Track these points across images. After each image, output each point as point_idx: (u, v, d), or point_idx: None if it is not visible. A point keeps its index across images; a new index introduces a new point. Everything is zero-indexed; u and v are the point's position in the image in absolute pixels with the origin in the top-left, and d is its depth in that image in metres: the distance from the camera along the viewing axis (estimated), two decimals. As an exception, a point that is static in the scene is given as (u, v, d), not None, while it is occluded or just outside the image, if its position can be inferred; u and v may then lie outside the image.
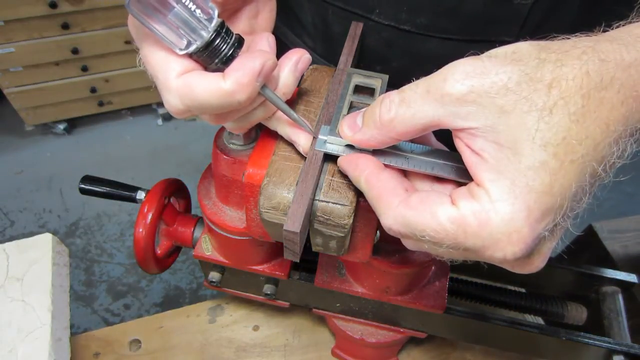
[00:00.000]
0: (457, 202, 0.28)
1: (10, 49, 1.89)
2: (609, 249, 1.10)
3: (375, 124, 0.31)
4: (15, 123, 2.26)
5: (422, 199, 0.30)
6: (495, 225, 0.26)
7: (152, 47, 0.32)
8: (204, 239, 0.58)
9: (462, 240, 0.28)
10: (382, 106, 0.30)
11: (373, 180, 0.32)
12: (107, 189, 0.61)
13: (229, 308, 0.73)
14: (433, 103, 0.28)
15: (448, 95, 0.27)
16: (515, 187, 0.26)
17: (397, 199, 0.30)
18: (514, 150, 0.26)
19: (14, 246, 0.61)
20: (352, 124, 0.34)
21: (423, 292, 0.54)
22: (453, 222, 0.28)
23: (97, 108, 2.27)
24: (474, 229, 0.27)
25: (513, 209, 0.26)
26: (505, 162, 0.26)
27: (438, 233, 0.28)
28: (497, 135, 0.27)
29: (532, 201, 0.26)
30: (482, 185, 0.27)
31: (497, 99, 0.26)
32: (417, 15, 0.47)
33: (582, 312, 0.61)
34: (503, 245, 0.27)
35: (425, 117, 0.29)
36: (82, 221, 1.98)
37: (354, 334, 0.61)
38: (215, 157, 0.45)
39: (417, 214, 0.29)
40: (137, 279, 1.81)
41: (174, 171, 2.13)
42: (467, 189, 0.28)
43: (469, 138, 0.28)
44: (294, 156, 0.38)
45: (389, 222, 0.31)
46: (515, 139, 0.26)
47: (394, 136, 0.31)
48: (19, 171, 2.15)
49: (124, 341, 0.69)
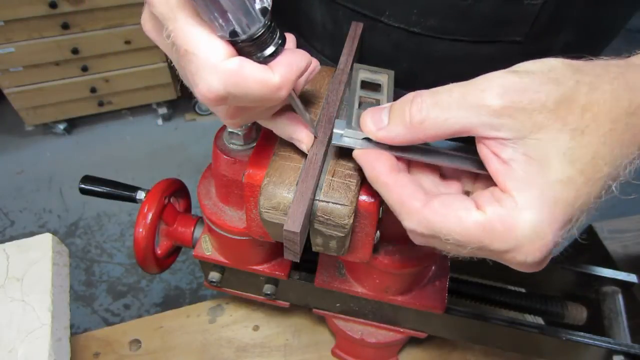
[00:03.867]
0: (483, 207, 0.29)
1: (10, 49, 1.89)
2: (609, 249, 1.10)
3: (404, 123, 0.31)
4: (15, 123, 2.26)
5: (446, 203, 0.30)
6: (521, 231, 0.28)
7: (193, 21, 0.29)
8: (204, 239, 0.58)
9: (487, 244, 0.29)
10: (413, 106, 0.31)
11: (391, 184, 0.33)
12: (107, 189, 0.61)
13: (229, 308, 0.73)
14: (468, 111, 0.29)
15: (486, 106, 0.28)
16: (542, 197, 0.28)
17: (419, 202, 0.31)
18: (543, 163, 0.28)
19: (14, 246, 0.61)
20: (376, 120, 0.33)
21: (423, 292, 0.54)
22: (480, 226, 0.29)
23: (97, 108, 2.27)
24: (501, 233, 0.28)
25: (540, 217, 0.28)
26: (534, 174, 0.28)
27: (464, 237, 0.29)
28: (527, 148, 0.28)
29: (557, 212, 0.28)
30: (509, 193, 0.29)
31: (533, 115, 0.28)
32: (428, 17, 0.47)
33: (582, 312, 0.61)
34: (526, 250, 0.29)
35: (457, 124, 0.29)
36: (82, 221, 1.98)
37: (354, 334, 0.61)
38: (215, 157, 0.45)
39: (442, 219, 0.30)
40: (137, 279, 1.81)
41: (174, 171, 2.13)
42: (491, 195, 0.30)
43: (497, 147, 0.29)
44: (294, 156, 0.38)
45: (412, 225, 0.31)
46: (546, 154, 0.28)
47: (421, 137, 0.31)
48: (19, 171, 2.15)
49: (124, 341, 0.69)
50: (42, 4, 1.81)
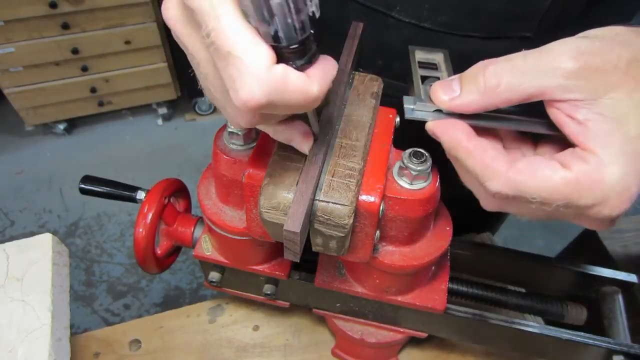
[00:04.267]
0: (568, 165, 0.31)
1: (10, 49, 1.89)
2: (609, 249, 1.10)
3: (479, 89, 0.32)
4: (15, 123, 2.27)
5: (532, 163, 0.32)
6: (608, 185, 0.30)
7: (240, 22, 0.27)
8: (204, 239, 0.58)
9: (575, 199, 0.30)
10: (487, 71, 0.32)
11: (473, 149, 0.33)
12: (107, 189, 0.61)
13: (229, 308, 0.73)
14: (544, 74, 0.30)
15: (561, 69, 0.30)
16: (625, 151, 0.29)
17: (504, 164, 0.32)
18: (620, 121, 0.29)
19: (14, 246, 0.61)
20: (448, 90, 0.34)
21: (423, 292, 0.54)
22: (568, 183, 0.30)
23: (97, 108, 2.27)
24: (588, 188, 0.30)
25: (624, 170, 0.29)
26: (612, 131, 0.30)
27: (552, 194, 0.31)
28: (602, 108, 0.30)
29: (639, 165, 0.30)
30: (592, 150, 0.30)
31: (607, 75, 0.29)
32: (439, 13, 0.47)
33: (582, 312, 0.61)
34: (613, 203, 0.30)
35: (533, 87, 0.31)
36: (82, 221, 1.98)
37: (354, 334, 0.61)
38: (215, 157, 0.45)
39: (529, 179, 0.31)
40: (137, 279, 1.81)
41: (174, 171, 2.13)
42: (574, 154, 0.31)
43: (570, 109, 0.30)
44: (294, 156, 0.38)
45: (498, 187, 0.32)
46: (622, 111, 0.29)
47: (496, 102, 0.32)
48: (19, 171, 2.15)
49: (124, 341, 0.69)
50: (42, 4, 1.81)
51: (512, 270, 0.66)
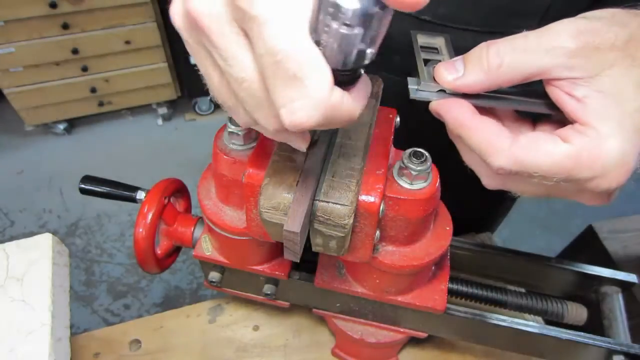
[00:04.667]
0: (569, 140, 0.31)
1: (10, 49, 1.89)
2: (609, 249, 1.10)
3: (482, 68, 0.33)
4: (15, 123, 2.27)
5: (534, 139, 0.32)
6: (607, 158, 0.30)
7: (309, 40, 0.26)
8: (204, 239, 0.58)
9: (575, 173, 0.31)
10: (490, 52, 0.32)
11: (477, 126, 0.34)
12: (107, 189, 0.61)
13: (229, 308, 0.73)
14: (545, 54, 0.31)
15: (562, 48, 0.30)
16: (623, 125, 0.30)
17: (507, 140, 0.33)
18: (618, 96, 0.30)
19: (14, 246, 0.61)
20: (452, 71, 0.35)
21: (423, 292, 0.54)
22: (569, 157, 0.31)
23: (97, 108, 2.27)
24: (589, 161, 0.31)
25: (623, 144, 0.30)
26: (611, 106, 0.30)
27: (553, 168, 0.31)
28: (600, 85, 0.30)
29: (637, 138, 0.30)
30: (591, 125, 0.31)
31: (605, 53, 0.30)
32: (438, 5, 0.47)
33: (582, 312, 0.61)
34: (612, 176, 0.31)
35: (534, 66, 0.31)
36: (82, 221, 1.98)
37: (354, 334, 0.61)
38: (215, 157, 0.45)
39: (532, 154, 0.32)
40: (137, 279, 1.81)
41: (174, 171, 2.13)
42: (574, 129, 0.32)
43: (569, 87, 0.31)
44: (294, 156, 0.38)
45: (502, 162, 0.33)
46: (620, 87, 0.30)
47: (499, 81, 0.33)
48: (19, 171, 2.15)
49: (124, 341, 0.69)
50: (42, 4, 1.81)
51: (512, 270, 0.66)
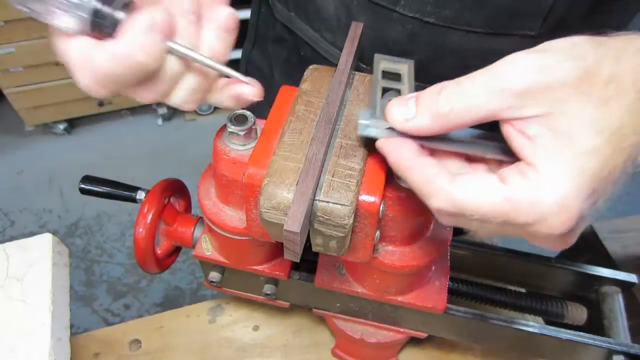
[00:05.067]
0: (507, 181, 0.30)
1: (10, 49, 1.89)
2: (609, 249, 1.10)
3: (432, 114, 0.32)
4: (15, 123, 2.26)
5: (471, 180, 0.31)
6: (546, 203, 0.28)
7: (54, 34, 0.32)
8: (204, 239, 0.58)
9: (512, 217, 0.29)
10: (441, 97, 0.31)
11: (417, 165, 0.33)
12: (107, 189, 0.61)
13: (229, 308, 0.73)
14: (492, 96, 0.29)
15: (509, 90, 0.29)
16: (568, 168, 0.28)
17: (445, 181, 0.32)
18: (569, 136, 0.28)
19: (14, 246, 0.61)
20: (403, 111, 0.33)
21: (423, 292, 0.54)
22: (505, 200, 0.29)
23: (97, 108, 2.27)
24: (525, 206, 0.29)
25: (565, 188, 0.28)
26: (560, 146, 0.28)
27: (489, 212, 0.30)
28: (553, 123, 0.29)
29: (582, 183, 0.28)
30: (534, 166, 0.29)
31: (556, 91, 0.28)
32: (443, 7, 0.47)
33: (582, 312, 0.61)
34: (551, 222, 0.29)
35: (483, 110, 0.30)
36: (82, 221, 1.98)
37: (354, 334, 0.61)
38: (215, 157, 0.45)
39: (468, 196, 0.30)
40: (137, 279, 1.81)
41: (174, 171, 2.12)
42: (516, 169, 0.30)
43: (522, 125, 0.30)
44: (294, 156, 0.38)
45: (440, 204, 0.32)
46: (572, 126, 0.28)
47: (449, 127, 0.32)
48: (19, 171, 2.15)
49: (124, 341, 0.69)
50: (42, 4, 1.81)
51: (512, 270, 0.66)
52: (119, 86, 0.33)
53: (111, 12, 0.31)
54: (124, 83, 0.33)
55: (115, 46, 0.31)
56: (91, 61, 0.31)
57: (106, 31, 0.31)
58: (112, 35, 0.32)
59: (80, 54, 0.32)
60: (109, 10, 0.31)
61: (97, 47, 0.31)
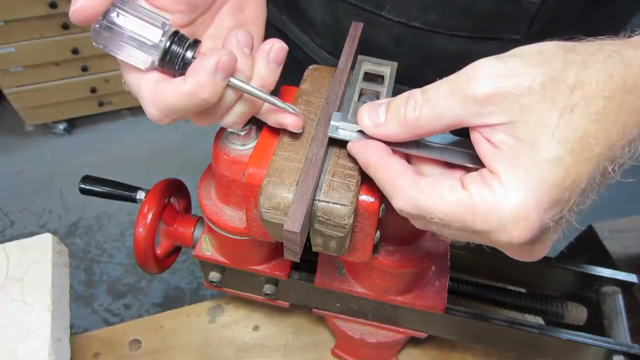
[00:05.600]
0: (467, 186, 0.29)
1: (10, 49, 1.89)
2: (609, 249, 1.10)
3: (400, 122, 0.32)
4: (15, 123, 2.26)
5: (433, 182, 0.31)
6: (504, 211, 0.28)
7: (127, 69, 0.35)
8: (204, 239, 0.58)
9: (470, 224, 0.29)
10: (408, 105, 0.31)
11: (382, 165, 0.33)
12: (107, 189, 0.61)
13: (229, 308, 0.73)
14: (456, 104, 0.29)
15: (472, 96, 0.28)
16: (528, 177, 0.27)
17: (407, 182, 0.32)
18: (532, 144, 0.27)
19: (14, 246, 0.61)
20: (373, 116, 0.34)
21: (423, 292, 0.54)
22: (462, 205, 0.29)
23: (97, 108, 2.27)
24: (483, 212, 0.28)
25: (524, 197, 0.27)
26: (522, 154, 0.28)
27: (447, 215, 0.29)
28: (517, 130, 0.28)
29: (543, 192, 0.27)
30: (496, 173, 0.28)
31: (520, 98, 0.27)
32: (428, 12, 0.47)
33: (582, 312, 0.61)
34: (509, 230, 0.28)
35: (448, 118, 0.30)
36: (82, 221, 1.98)
37: (354, 334, 0.61)
38: (215, 157, 0.45)
39: (427, 197, 0.30)
40: (137, 279, 1.81)
41: (174, 171, 2.12)
42: (479, 175, 0.30)
43: (488, 132, 0.29)
44: (294, 156, 0.38)
45: (400, 204, 0.32)
46: (534, 134, 0.27)
47: (417, 134, 0.32)
48: (19, 171, 2.15)
49: (124, 341, 0.69)
50: (42, 4, 1.81)
51: (512, 270, 0.66)
52: (181, 116, 0.36)
53: (181, 52, 0.34)
54: (186, 114, 0.36)
55: (183, 84, 0.33)
56: (160, 95, 0.34)
57: (175, 69, 0.35)
58: (180, 72, 0.35)
59: (150, 89, 0.35)
60: (180, 50, 0.34)
61: (166, 82, 0.34)
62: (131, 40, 0.34)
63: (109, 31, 0.33)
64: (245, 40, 0.37)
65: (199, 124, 0.39)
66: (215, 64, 0.33)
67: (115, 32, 0.33)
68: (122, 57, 0.34)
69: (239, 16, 0.41)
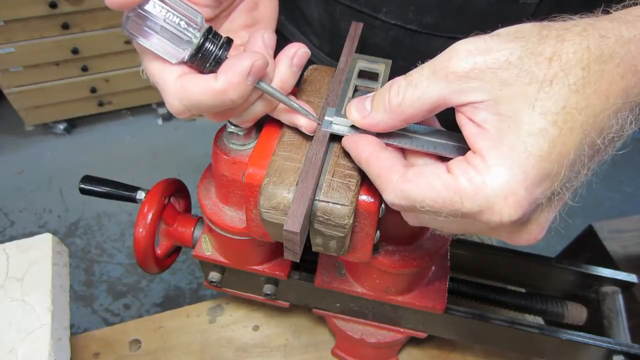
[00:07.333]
0: (452, 170, 0.29)
1: (10, 49, 1.89)
2: (609, 249, 1.10)
3: (385, 108, 0.32)
4: (15, 123, 2.26)
5: (419, 171, 0.31)
6: (490, 189, 0.27)
7: (151, 58, 0.35)
8: (204, 239, 0.58)
9: (458, 207, 0.29)
10: (391, 91, 0.32)
11: (373, 159, 0.33)
12: (107, 189, 0.61)
13: (229, 308, 0.73)
14: (439, 83, 0.29)
15: (453, 73, 0.29)
16: (513, 152, 0.27)
17: (396, 174, 0.32)
18: (514, 119, 0.27)
19: (14, 246, 0.61)
20: (360, 108, 0.35)
21: (423, 292, 0.54)
22: (448, 188, 0.29)
23: (97, 108, 2.27)
24: (469, 193, 0.28)
25: (510, 172, 0.27)
26: (505, 130, 0.28)
27: (435, 201, 0.29)
28: (498, 107, 0.28)
29: (529, 166, 0.27)
30: (479, 152, 0.28)
31: (499, 72, 0.28)
32: (424, 14, 0.47)
33: (582, 312, 0.61)
34: (499, 208, 0.28)
35: (432, 98, 0.30)
36: (82, 221, 1.98)
37: (354, 334, 0.61)
38: (215, 157, 0.45)
39: (414, 186, 0.30)
40: (137, 279, 1.81)
41: (174, 171, 2.13)
42: (464, 158, 0.30)
43: (471, 111, 0.29)
44: (294, 156, 0.38)
45: (391, 197, 0.32)
46: (516, 109, 0.27)
47: (402, 119, 0.32)
48: (19, 171, 2.15)
49: (124, 341, 0.69)
50: (42, 4, 1.81)
51: (512, 270, 0.66)
52: (203, 112, 0.36)
53: (215, 50, 0.34)
54: (209, 111, 0.36)
55: (213, 82, 0.33)
56: (186, 90, 0.34)
57: (206, 65, 0.34)
58: (211, 70, 0.35)
59: (176, 81, 0.34)
60: (214, 48, 0.34)
61: (194, 78, 0.34)
62: (164, 32, 0.33)
63: (142, 20, 0.32)
64: (271, 42, 0.37)
65: (215, 121, 0.39)
66: (249, 66, 0.33)
67: (149, 22, 0.32)
68: (151, 48, 0.33)
69: (252, 13, 0.42)
